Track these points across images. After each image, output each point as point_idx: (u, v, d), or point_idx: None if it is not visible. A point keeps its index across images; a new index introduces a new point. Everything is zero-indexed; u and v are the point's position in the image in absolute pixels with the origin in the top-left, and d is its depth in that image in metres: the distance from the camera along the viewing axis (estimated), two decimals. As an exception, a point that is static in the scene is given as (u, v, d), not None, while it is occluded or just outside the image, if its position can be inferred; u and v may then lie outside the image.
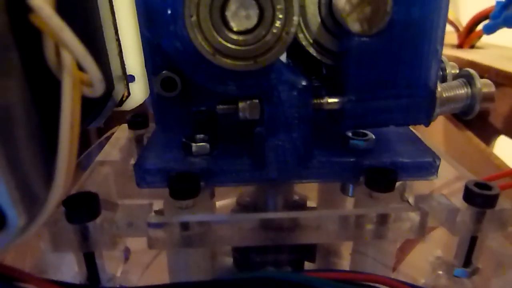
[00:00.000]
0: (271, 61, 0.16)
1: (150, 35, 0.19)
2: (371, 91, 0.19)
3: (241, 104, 0.19)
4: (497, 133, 0.50)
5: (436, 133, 0.52)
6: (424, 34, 0.18)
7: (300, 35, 0.19)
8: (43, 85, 0.13)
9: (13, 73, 0.12)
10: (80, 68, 0.13)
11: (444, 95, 0.20)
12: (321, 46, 0.19)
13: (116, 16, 0.22)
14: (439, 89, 0.20)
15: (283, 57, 0.19)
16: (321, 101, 0.19)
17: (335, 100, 0.19)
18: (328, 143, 0.21)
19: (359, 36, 0.18)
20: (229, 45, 0.16)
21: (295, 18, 0.16)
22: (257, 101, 0.19)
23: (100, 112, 0.20)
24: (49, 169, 0.13)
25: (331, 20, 0.19)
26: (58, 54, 0.12)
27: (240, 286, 0.17)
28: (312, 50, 0.19)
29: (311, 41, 0.19)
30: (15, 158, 0.12)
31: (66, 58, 0.12)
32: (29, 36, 0.12)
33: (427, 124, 0.20)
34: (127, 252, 0.25)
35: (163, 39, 0.17)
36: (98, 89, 0.13)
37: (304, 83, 0.18)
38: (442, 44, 0.19)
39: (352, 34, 0.17)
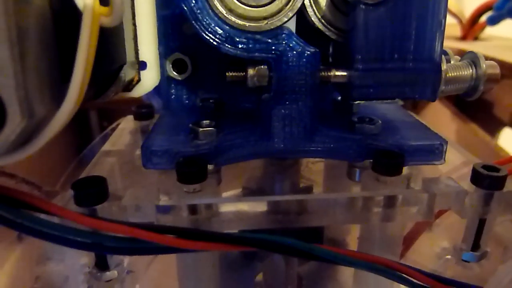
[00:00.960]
0: (281, 22, 0.17)
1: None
2: (377, 63, 0.19)
3: (250, 70, 0.19)
4: (501, 125, 0.50)
5: (441, 126, 0.52)
6: (428, 6, 0.18)
7: (310, 12, 0.19)
8: (64, 14, 0.13)
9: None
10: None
11: (449, 74, 0.20)
12: (330, 23, 0.20)
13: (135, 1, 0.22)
14: (444, 67, 0.20)
15: (293, 28, 0.19)
16: (329, 73, 0.19)
17: (343, 73, 0.19)
18: (335, 125, 0.21)
19: (365, 4, 0.18)
20: (242, 5, 0.16)
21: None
22: (265, 67, 0.19)
23: (108, 88, 0.20)
24: (57, 94, 0.13)
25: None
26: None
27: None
28: (320, 26, 0.20)
29: (319, 17, 0.20)
30: (29, 62, 0.12)
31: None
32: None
33: (432, 98, 0.20)
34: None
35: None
36: (116, 16, 0.13)
37: (312, 49, 0.19)
38: (445, 16, 0.19)
39: (358, 5, 0.17)
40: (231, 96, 0.24)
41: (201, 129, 0.20)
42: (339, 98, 0.25)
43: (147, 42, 0.23)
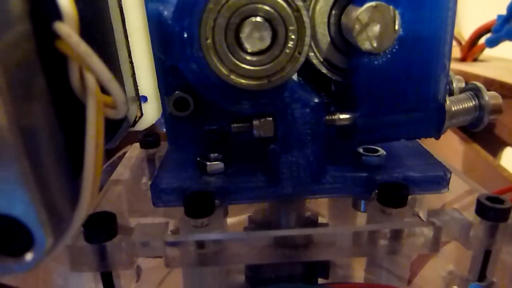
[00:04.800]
0: (284, 80, 0.17)
1: (165, 58, 0.20)
2: (381, 107, 0.19)
3: (255, 122, 0.19)
4: (503, 145, 0.50)
5: (443, 146, 0.52)
6: (432, 50, 0.18)
7: (311, 54, 0.19)
8: (68, 109, 0.13)
9: (39, 97, 0.13)
10: (102, 91, 0.13)
11: (453, 109, 0.20)
12: (331, 64, 0.20)
13: (129, 39, 0.23)
14: (447, 102, 0.20)
15: (294, 76, 0.20)
16: (333, 117, 0.19)
17: (347, 116, 0.19)
18: (340, 159, 0.21)
19: (369, 54, 0.18)
20: (243, 65, 0.16)
21: (307, 38, 0.16)
22: (270, 119, 0.19)
23: (115, 133, 0.21)
24: (73, 190, 0.13)
25: (340, 39, 0.19)
26: (82, 78, 0.13)
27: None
28: (322, 68, 0.20)
29: (321, 59, 0.20)
30: (42, 180, 0.12)
31: (90, 81, 0.13)
32: (54, 61, 0.13)
33: (437, 137, 0.21)
34: (138, 270, 0.26)
35: (179, 61, 0.18)
36: (121, 111, 0.13)
37: (316, 100, 0.19)
38: (449, 59, 0.19)
39: (362, 52, 0.18)
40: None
41: (208, 163, 0.21)
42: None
43: (145, 77, 0.24)
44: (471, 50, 0.57)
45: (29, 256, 0.12)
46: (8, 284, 0.21)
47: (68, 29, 0.12)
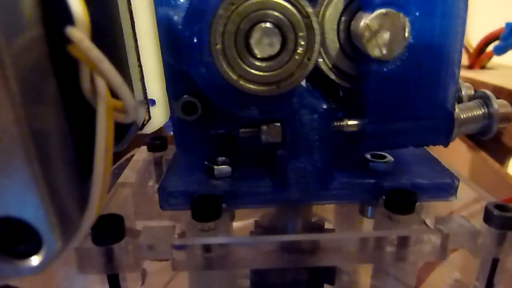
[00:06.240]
0: (293, 86, 0.17)
1: (175, 63, 0.20)
2: (390, 114, 0.19)
3: (263, 128, 0.19)
4: (510, 153, 0.50)
5: (450, 154, 0.52)
6: (442, 57, 0.18)
7: (320, 60, 0.19)
8: (78, 112, 0.13)
9: (50, 100, 0.13)
10: (112, 95, 0.13)
11: (462, 116, 0.20)
12: (340, 70, 0.20)
13: (138, 43, 0.23)
14: (456, 110, 0.20)
15: (303, 81, 0.20)
16: (341, 123, 0.19)
17: (355, 122, 0.19)
18: (348, 165, 0.21)
19: (378, 61, 0.18)
20: (253, 71, 0.16)
21: (317, 45, 0.17)
22: (279, 124, 0.19)
23: (123, 136, 0.21)
24: (82, 193, 0.13)
25: (350, 45, 0.19)
26: (93, 82, 0.13)
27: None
28: (331, 74, 0.20)
29: (330, 65, 0.20)
30: (52, 183, 0.12)
31: (101, 86, 0.13)
32: (66, 65, 0.13)
33: (446, 144, 0.20)
34: (144, 273, 0.26)
35: (189, 66, 0.18)
36: (131, 115, 0.13)
37: (324, 106, 0.19)
38: (459, 67, 0.19)
39: (371, 58, 0.18)
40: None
41: (216, 167, 0.21)
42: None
43: (154, 80, 0.24)
44: (479, 58, 0.56)
45: (37, 259, 0.12)
46: (15, 286, 0.21)
47: (80, 34, 0.12)
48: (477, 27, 0.60)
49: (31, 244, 0.12)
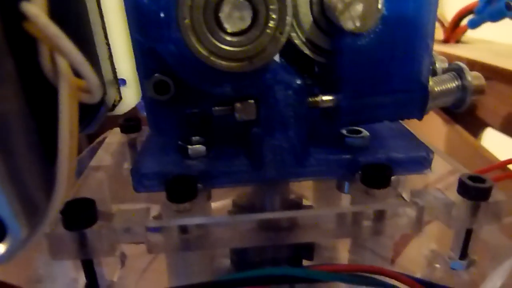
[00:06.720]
0: (266, 61, 0.17)
1: (142, 39, 0.19)
2: (365, 88, 0.19)
3: (237, 105, 0.19)
4: (484, 126, 0.51)
5: (426, 128, 0.53)
6: (415, 29, 0.18)
7: (293, 34, 0.19)
8: (39, 93, 0.13)
9: (8, 81, 0.12)
10: (76, 74, 0.13)
11: (436, 89, 0.20)
12: (314, 45, 0.19)
13: (105, 20, 0.22)
14: (431, 83, 0.20)
15: (277, 57, 0.19)
16: (316, 99, 0.19)
17: (330, 98, 0.19)
18: (323, 141, 0.21)
19: (352, 34, 0.18)
20: (223, 46, 0.16)
21: (289, 18, 0.16)
22: (252, 101, 0.19)
23: (93, 118, 0.20)
24: (47, 178, 0.13)
25: (323, 18, 0.19)
26: (53, 61, 0.12)
27: (240, 285, 0.17)
28: (305, 49, 0.19)
29: (304, 40, 0.19)
30: (14, 168, 0.11)
31: (62, 65, 0.12)
32: (24, 43, 0.12)
33: (420, 117, 0.21)
34: (123, 257, 0.25)
35: (156, 42, 0.17)
36: (96, 95, 0.12)
37: (298, 82, 0.19)
38: (433, 39, 0.19)
39: (345, 32, 0.18)
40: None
41: (190, 146, 0.20)
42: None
43: (123, 59, 0.23)
44: (454, 32, 0.57)
45: (3, 248, 0.12)
46: (10, 283, 0.21)
47: (36, 9, 0.11)
48: (453, 1, 0.60)
49: (-5, 233, 0.12)
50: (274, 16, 0.16)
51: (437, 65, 0.23)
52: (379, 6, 0.17)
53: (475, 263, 0.22)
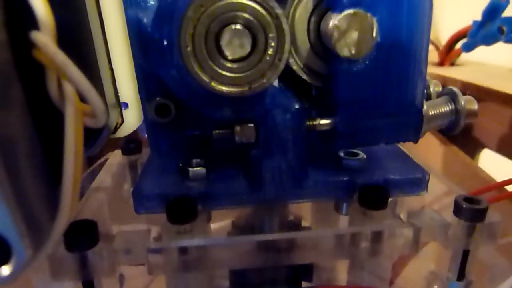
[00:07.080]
0: (265, 86, 0.17)
1: (145, 65, 0.20)
2: (360, 112, 0.19)
3: (237, 129, 0.19)
4: (480, 146, 0.51)
5: (423, 149, 0.53)
6: (409, 56, 0.19)
7: (291, 60, 0.20)
8: (46, 118, 0.13)
9: (16, 106, 0.13)
10: (81, 99, 0.13)
11: (430, 113, 0.21)
12: (311, 70, 0.20)
13: (109, 45, 0.23)
14: (425, 107, 0.21)
15: (275, 81, 0.20)
16: (314, 122, 0.20)
17: (327, 121, 0.20)
18: (322, 163, 0.22)
19: (348, 60, 0.18)
20: (224, 72, 0.16)
21: (287, 45, 0.17)
22: (252, 125, 0.19)
23: (96, 140, 0.20)
24: (52, 199, 0.13)
25: (320, 45, 0.20)
26: (60, 87, 0.13)
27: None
28: (303, 74, 0.20)
29: (301, 65, 0.20)
30: (20, 190, 0.12)
31: (68, 90, 0.13)
32: (32, 69, 0.13)
33: (415, 141, 0.21)
34: (121, 278, 0.25)
35: (159, 68, 0.18)
36: (100, 120, 0.13)
37: (297, 106, 0.19)
38: (426, 65, 0.19)
39: (341, 58, 0.18)
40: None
41: (190, 168, 0.21)
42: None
43: (126, 82, 0.24)
44: (448, 55, 0.58)
45: (8, 269, 0.12)
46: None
47: (45, 38, 0.12)
48: (447, 25, 0.62)
49: (0, 254, 0.12)
50: (273, 43, 0.16)
51: (431, 88, 0.24)
52: (374, 34, 0.18)
53: (472, 284, 0.22)
